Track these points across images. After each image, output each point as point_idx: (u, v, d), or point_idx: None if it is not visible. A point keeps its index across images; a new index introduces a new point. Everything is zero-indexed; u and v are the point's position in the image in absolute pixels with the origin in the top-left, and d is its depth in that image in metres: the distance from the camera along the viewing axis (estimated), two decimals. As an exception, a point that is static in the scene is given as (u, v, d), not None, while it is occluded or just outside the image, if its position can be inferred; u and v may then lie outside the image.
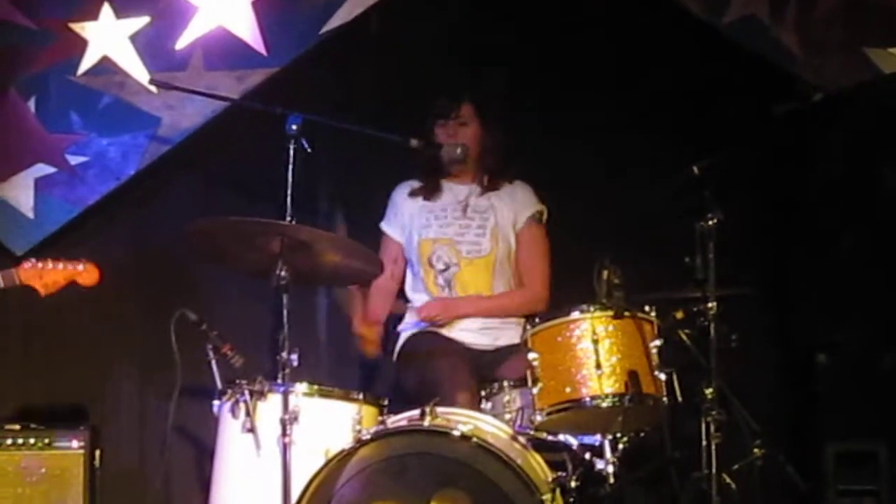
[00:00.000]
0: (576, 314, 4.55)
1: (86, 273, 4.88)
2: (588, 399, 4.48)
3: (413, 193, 5.47)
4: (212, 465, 4.79)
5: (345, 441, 4.45)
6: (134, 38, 5.79)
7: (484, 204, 5.41)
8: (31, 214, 5.83)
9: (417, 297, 5.45)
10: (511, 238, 5.40)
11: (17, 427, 5.27)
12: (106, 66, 5.81)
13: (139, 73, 5.79)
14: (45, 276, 4.79)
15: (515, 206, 5.41)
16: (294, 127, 4.69)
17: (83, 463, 5.26)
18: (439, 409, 4.44)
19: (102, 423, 5.44)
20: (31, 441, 5.23)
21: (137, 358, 5.90)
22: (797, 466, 5.21)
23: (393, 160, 5.38)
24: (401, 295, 5.52)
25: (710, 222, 4.57)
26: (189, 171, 5.92)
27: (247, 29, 5.76)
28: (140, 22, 5.80)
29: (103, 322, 5.94)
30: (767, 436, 5.02)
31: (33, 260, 4.79)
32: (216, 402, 4.74)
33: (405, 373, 5.30)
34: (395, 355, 5.40)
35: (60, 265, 4.82)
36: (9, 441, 5.23)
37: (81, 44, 5.83)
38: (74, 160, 5.82)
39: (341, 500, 4.37)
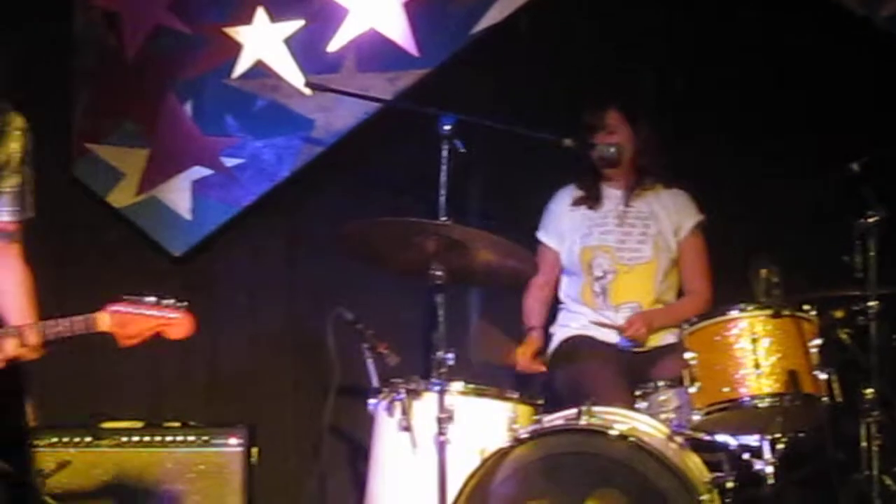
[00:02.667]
0: (734, 313, 4.54)
1: (177, 324, 4.14)
2: (747, 399, 4.47)
3: (574, 203, 5.47)
4: (367, 463, 4.84)
5: (500, 440, 4.47)
6: (288, 42, 5.90)
7: (645, 211, 5.40)
8: (188, 216, 5.97)
9: (570, 302, 5.47)
10: (672, 245, 5.39)
11: (177, 425, 5.37)
12: (260, 70, 5.93)
13: (293, 75, 5.90)
14: (130, 325, 4.10)
15: (678, 215, 5.41)
16: (447, 127, 4.73)
17: (241, 460, 5.32)
18: (595, 409, 4.44)
19: (259, 422, 5.51)
20: (191, 439, 5.31)
21: (292, 357, 5.99)
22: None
23: (546, 159, 5.39)
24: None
25: (871, 219, 4.52)
26: (342, 172, 5.99)
27: (398, 30, 5.83)
28: (294, 25, 5.90)
29: (257, 322, 6.05)
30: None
31: (123, 303, 4.12)
32: (372, 401, 4.78)
33: (558, 374, 5.30)
34: (549, 357, 5.41)
35: (147, 312, 4.11)
36: (168, 438, 5.32)
37: (236, 48, 5.96)
38: (230, 162, 5.95)
39: (496, 498, 4.38)
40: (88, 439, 5.30)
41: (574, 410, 4.46)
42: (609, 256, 5.38)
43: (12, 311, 4.28)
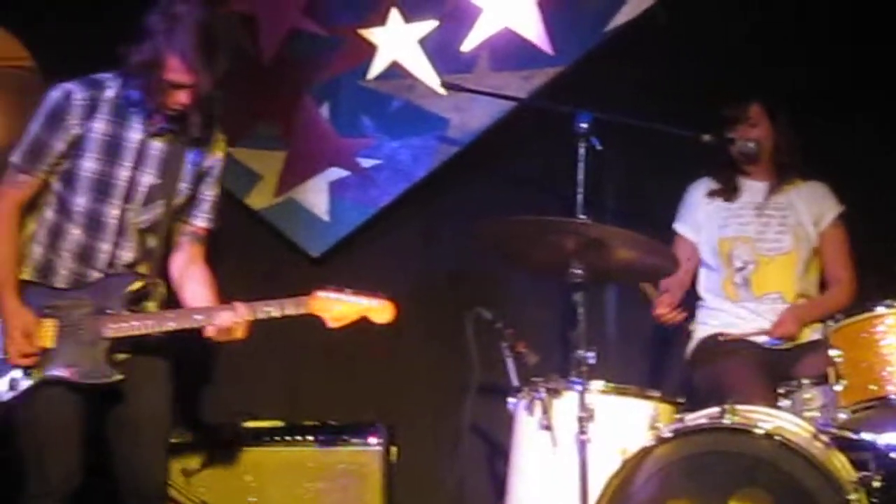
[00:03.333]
0: (880, 309, 4.47)
1: (380, 310, 4.57)
2: (894, 396, 4.39)
3: (711, 193, 5.43)
4: (506, 463, 4.85)
5: (641, 439, 4.45)
6: (422, 42, 5.93)
7: (783, 201, 5.35)
8: (326, 217, 6.02)
9: (710, 297, 5.42)
10: (813, 236, 5.33)
11: (317, 424, 5.43)
12: (395, 71, 5.97)
13: (428, 76, 5.93)
14: (336, 306, 4.52)
15: (817, 206, 5.35)
16: (584, 125, 4.74)
17: (380, 460, 5.37)
18: (739, 407, 4.39)
19: (398, 421, 5.54)
20: (331, 438, 5.38)
21: (429, 356, 6.00)
22: None
23: (682, 155, 5.35)
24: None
25: None
26: (477, 172, 5.99)
27: (533, 29, 5.82)
28: (428, 26, 5.93)
29: (395, 322, 6.06)
30: None
31: (329, 288, 4.54)
32: (512, 400, 4.80)
33: (699, 373, 5.27)
34: (689, 356, 5.37)
35: (353, 298, 4.55)
36: (310, 438, 5.39)
37: (370, 49, 6.00)
38: (366, 163, 5.99)
39: (638, 499, 4.35)
40: (231, 439, 5.38)
41: (717, 409, 4.40)
42: (748, 247, 5.32)
43: (206, 304, 4.58)
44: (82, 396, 4.49)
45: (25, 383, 4.43)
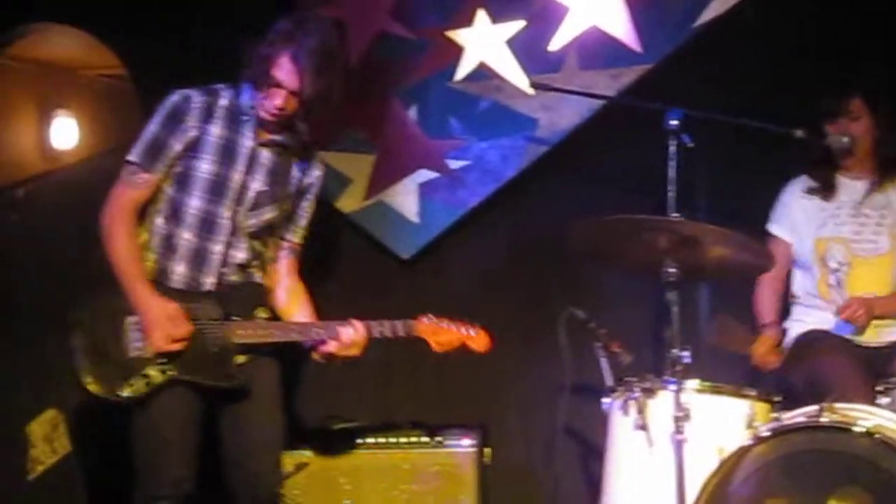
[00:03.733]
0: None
1: (477, 339, 4.91)
2: None
3: (807, 192, 5.36)
4: (600, 463, 4.84)
5: (738, 438, 4.42)
6: (510, 42, 5.93)
7: (881, 201, 5.27)
8: (416, 219, 6.05)
9: (805, 296, 5.36)
10: (913, 236, 5.25)
11: (411, 427, 5.45)
12: (483, 71, 5.97)
13: (516, 76, 5.93)
14: (440, 334, 4.84)
15: None
16: (674, 122, 4.69)
17: (473, 461, 5.38)
18: (837, 405, 4.35)
19: (491, 422, 5.55)
20: (424, 440, 5.41)
21: (521, 357, 5.99)
22: None
23: (775, 152, 5.31)
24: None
25: None
26: (567, 171, 5.97)
27: (620, 27, 5.80)
28: (516, 26, 5.93)
29: (487, 323, 6.06)
30: None
31: (431, 316, 4.84)
32: (606, 400, 4.79)
33: (794, 370, 5.19)
34: (785, 353, 5.31)
35: (454, 327, 4.85)
36: (402, 440, 5.42)
37: (457, 50, 6.01)
38: (455, 164, 6.01)
39: (736, 498, 4.32)
40: (325, 443, 5.42)
41: (815, 407, 4.37)
42: (844, 248, 5.26)
43: (306, 316, 4.81)
44: (201, 399, 4.60)
45: (160, 378, 4.52)
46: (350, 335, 4.67)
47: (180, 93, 4.69)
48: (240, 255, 4.71)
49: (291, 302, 4.84)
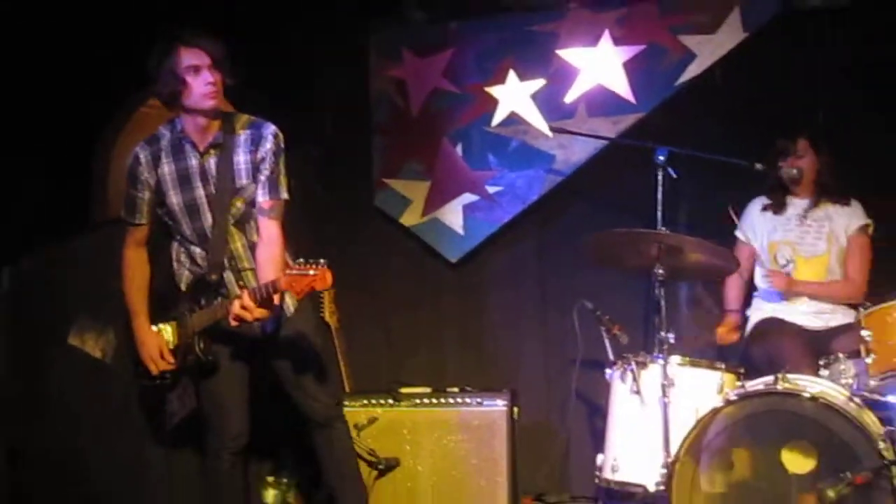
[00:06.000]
0: (905, 297, 4.36)
1: (320, 277, 3.95)
2: (914, 367, 4.28)
3: (764, 208, 5.35)
4: (604, 420, 4.82)
5: (711, 402, 4.41)
6: (534, 96, 5.89)
7: (820, 215, 5.24)
8: (461, 231, 6.01)
9: (764, 287, 5.31)
10: (843, 241, 5.19)
11: (457, 390, 5.42)
12: (513, 119, 5.94)
13: (538, 122, 5.89)
14: (295, 283, 3.97)
15: (848, 217, 5.20)
16: (661, 157, 4.74)
17: (506, 418, 5.31)
18: (789, 376, 4.32)
19: (519, 387, 5.52)
20: (468, 400, 5.35)
21: (544, 337, 5.97)
22: None
23: (739, 180, 5.25)
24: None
25: None
26: (578, 195, 5.94)
27: (620, 84, 5.76)
28: (538, 84, 5.89)
29: (517, 312, 6.07)
30: None
31: (290, 268, 4.01)
32: (608, 371, 4.78)
33: (755, 349, 5.15)
34: (747, 335, 5.28)
35: (303, 273, 3.96)
36: (451, 400, 5.38)
37: (493, 102, 5.98)
38: (492, 189, 5.96)
39: (710, 448, 4.31)
40: (391, 401, 5.40)
41: (772, 377, 4.35)
42: (790, 249, 5.22)
43: (270, 273, 4.17)
44: (245, 364, 4.49)
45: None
46: (237, 304, 4.06)
47: (132, 153, 4.37)
48: (235, 245, 4.40)
49: (258, 265, 4.32)
